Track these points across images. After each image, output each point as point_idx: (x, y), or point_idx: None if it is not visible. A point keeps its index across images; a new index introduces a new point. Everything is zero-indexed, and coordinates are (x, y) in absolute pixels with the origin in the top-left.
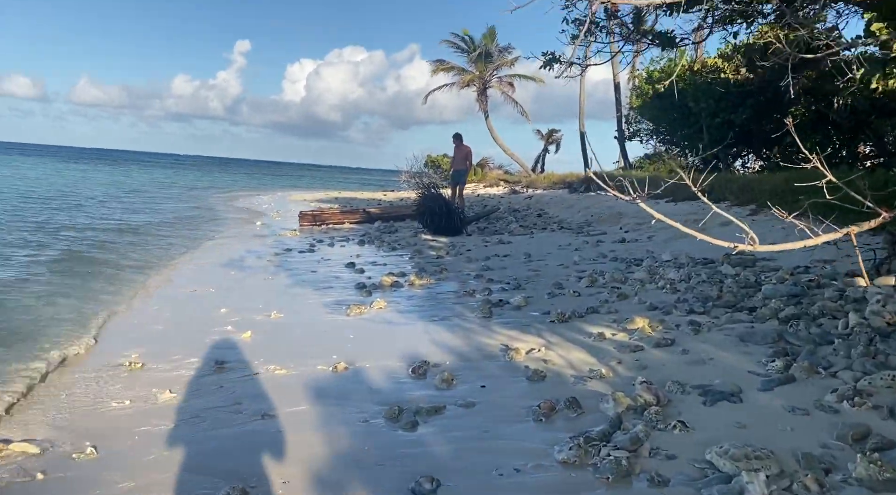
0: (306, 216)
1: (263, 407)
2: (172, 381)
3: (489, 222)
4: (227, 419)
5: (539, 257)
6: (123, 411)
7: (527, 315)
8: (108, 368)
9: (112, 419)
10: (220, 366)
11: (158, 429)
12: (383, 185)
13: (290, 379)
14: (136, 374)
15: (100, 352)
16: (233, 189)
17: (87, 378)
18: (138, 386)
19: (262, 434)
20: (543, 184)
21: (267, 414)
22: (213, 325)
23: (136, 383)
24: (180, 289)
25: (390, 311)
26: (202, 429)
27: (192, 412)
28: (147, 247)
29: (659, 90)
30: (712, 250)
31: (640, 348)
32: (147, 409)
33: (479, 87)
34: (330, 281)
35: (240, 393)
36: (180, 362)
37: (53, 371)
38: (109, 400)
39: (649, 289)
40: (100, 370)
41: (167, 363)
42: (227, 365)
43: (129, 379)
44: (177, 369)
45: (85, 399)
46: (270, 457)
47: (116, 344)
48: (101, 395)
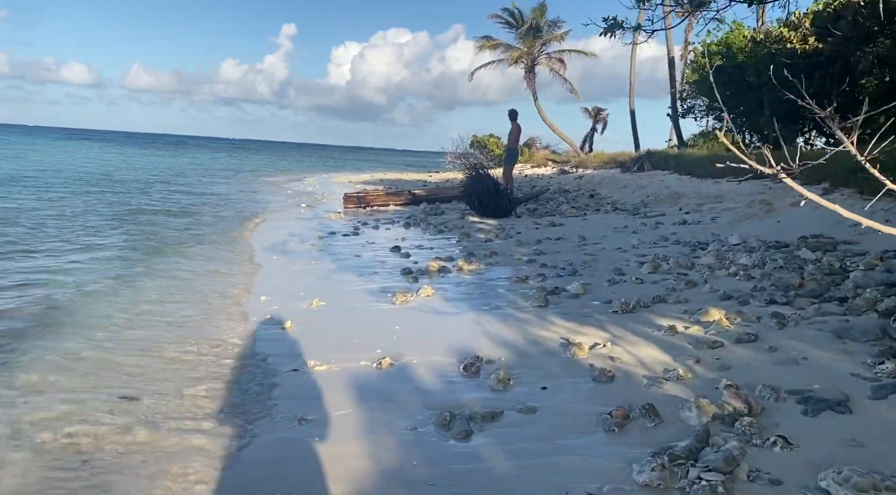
0: (350, 198)
1: (300, 409)
2: (203, 379)
3: (539, 204)
4: (260, 424)
5: (594, 240)
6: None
7: (586, 304)
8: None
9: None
10: (257, 361)
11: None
12: (428, 167)
13: (330, 377)
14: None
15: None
16: (278, 171)
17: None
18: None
19: (296, 443)
20: (594, 163)
21: (304, 418)
22: (251, 315)
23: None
24: (218, 277)
25: (438, 299)
26: (229, 437)
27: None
28: (188, 229)
29: (717, 63)
30: (784, 233)
31: (719, 344)
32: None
33: (527, 63)
34: (374, 266)
35: (276, 393)
36: (213, 356)
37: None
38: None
39: (720, 275)
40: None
41: (197, 356)
42: (263, 359)
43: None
44: (208, 365)
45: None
46: (305, 473)
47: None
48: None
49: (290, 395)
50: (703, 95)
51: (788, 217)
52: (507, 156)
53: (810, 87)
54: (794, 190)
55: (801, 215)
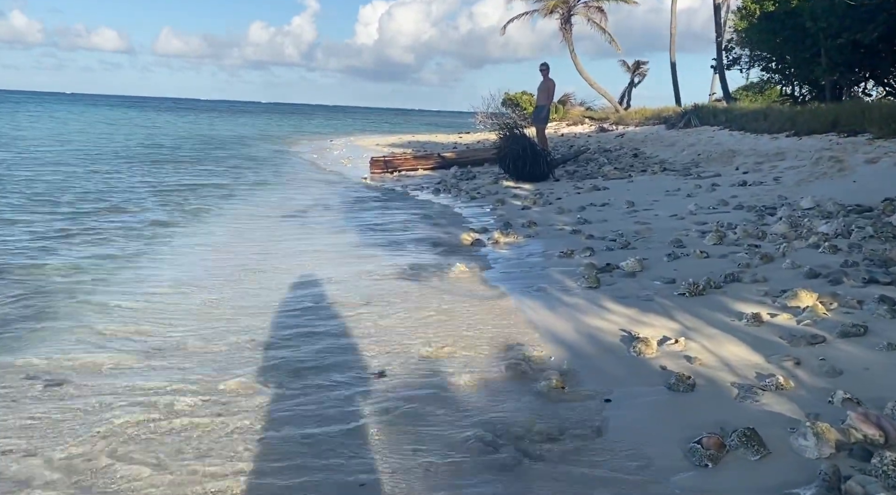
0: (377, 162)
1: (326, 427)
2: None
3: (578, 165)
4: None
5: (644, 206)
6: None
7: (645, 284)
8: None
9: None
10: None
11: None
12: (458, 127)
13: (348, 376)
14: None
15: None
16: (305, 135)
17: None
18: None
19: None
20: (635, 120)
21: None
22: (267, 296)
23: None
24: (229, 250)
25: (473, 279)
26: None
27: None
28: (204, 194)
29: (768, 8)
30: (863, 194)
31: (819, 339)
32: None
33: (563, 14)
34: (402, 239)
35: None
36: (214, 346)
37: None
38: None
39: (798, 247)
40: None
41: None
42: (269, 351)
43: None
44: (204, 364)
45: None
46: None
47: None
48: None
49: (316, 412)
50: (751, 44)
51: (864, 175)
52: (537, 115)
53: (874, 32)
54: (870, 145)
55: (879, 173)
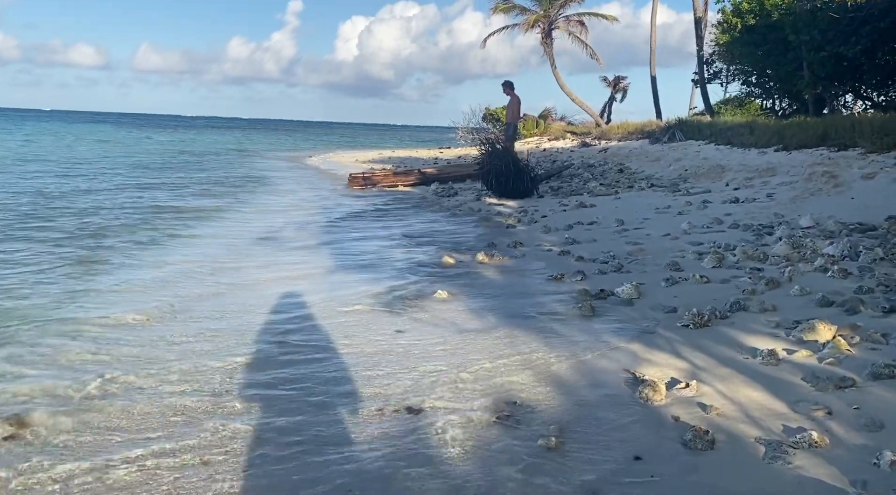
0: (356, 179)
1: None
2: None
3: (563, 181)
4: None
5: (635, 224)
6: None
7: (644, 313)
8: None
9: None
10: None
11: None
12: (439, 142)
13: (302, 429)
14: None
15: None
16: (284, 150)
17: None
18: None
19: None
20: (617, 134)
21: None
22: (213, 337)
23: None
24: (189, 277)
25: (456, 307)
26: None
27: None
28: (175, 216)
29: (749, 22)
30: (863, 211)
31: (848, 382)
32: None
33: (544, 28)
34: (379, 261)
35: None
36: (161, 394)
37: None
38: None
39: (805, 271)
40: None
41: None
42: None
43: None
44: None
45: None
46: None
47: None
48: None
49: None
50: (734, 57)
51: (862, 191)
52: (507, 132)
53: (857, 45)
54: (863, 159)
55: (876, 189)
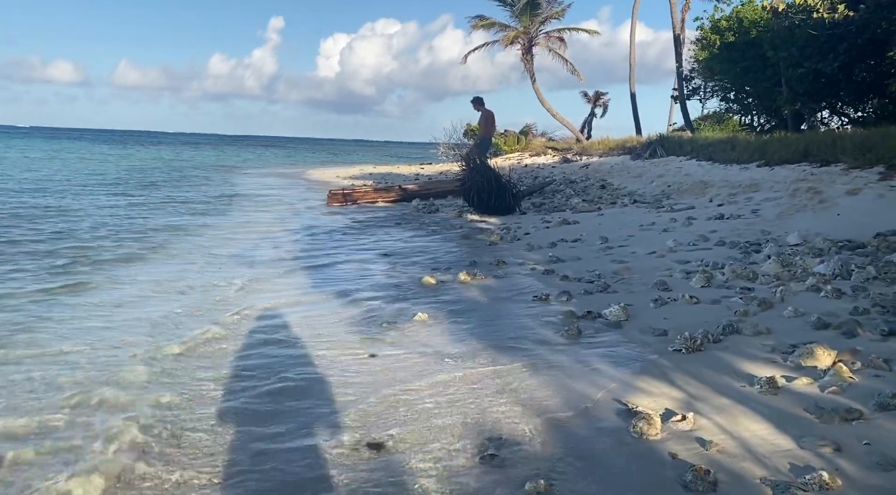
0: (336, 195)
1: None
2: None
3: (545, 197)
4: None
5: (619, 242)
6: None
7: (633, 337)
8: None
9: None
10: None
11: None
12: (421, 158)
13: (264, 480)
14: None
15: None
16: (263, 166)
17: None
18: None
19: None
20: (598, 150)
21: None
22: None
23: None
24: (154, 300)
25: (436, 330)
26: None
27: None
28: (145, 237)
29: (728, 38)
30: (851, 228)
31: (855, 414)
32: None
33: (525, 44)
34: (357, 280)
35: None
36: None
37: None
38: None
39: (797, 290)
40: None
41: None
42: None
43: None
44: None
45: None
46: None
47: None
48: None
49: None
50: (714, 74)
51: (848, 208)
52: (480, 147)
53: (835, 61)
54: (846, 175)
55: (862, 205)
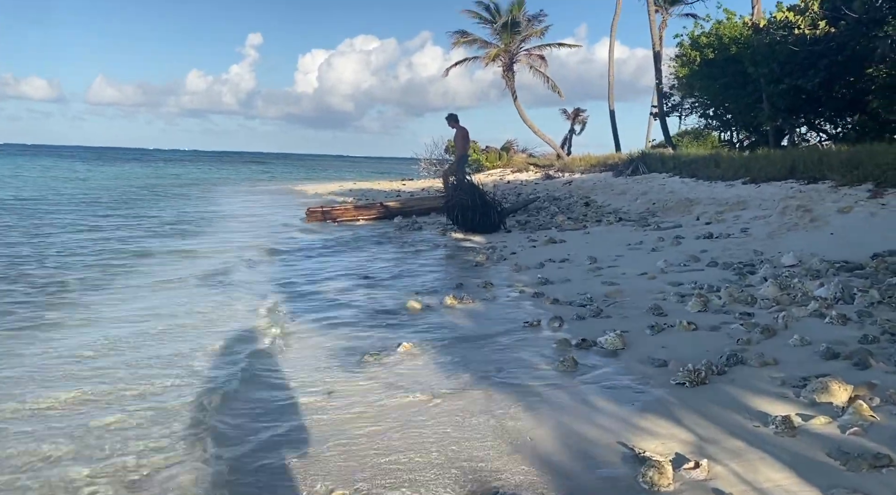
0: (314, 213)
1: None
2: None
3: (529, 214)
4: None
5: (608, 262)
6: None
7: (632, 367)
8: None
9: None
10: None
11: None
12: (402, 174)
13: None
14: None
15: None
16: (241, 182)
17: None
18: None
19: None
20: (580, 166)
21: None
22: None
23: None
24: (114, 331)
25: (423, 362)
26: None
27: None
28: (111, 261)
29: (708, 55)
30: (846, 248)
31: (884, 460)
32: None
33: (506, 61)
34: (337, 306)
35: None
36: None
37: None
38: None
39: (800, 316)
40: None
41: None
42: None
43: None
44: None
45: None
46: None
47: None
48: None
49: None
50: (694, 90)
51: (840, 227)
52: (457, 165)
53: (816, 77)
54: (835, 192)
55: (855, 224)
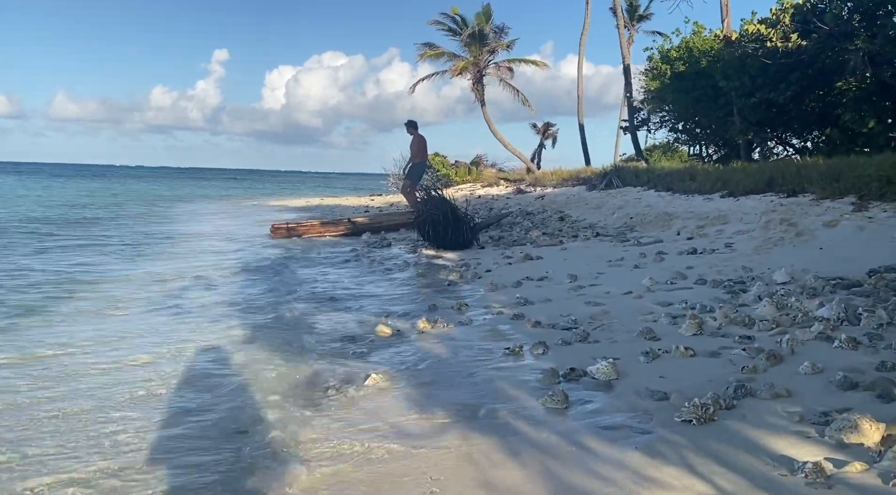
0: (279, 229)
1: None
2: None
3: (502, 229)
4: None
5: (590, 280)
6: None
7: (630, 401)
8: None
9: None
10: None
11: None
12: (370, 189)
13: None
14: None
15: None
16: (206, 198)
17: None
18: None
19: None
20: (552, 181)
21: None
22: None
23: None
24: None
25: (392, 398)
26: None
27: None
28: (55, 284)
29: (678, 68)
30: (839, 264)
31: None
32: None
33: (475, 74)
34: (299, 329)
35: None
36: None
37: None
38: None
39: (803, 339)
40: None
41: None
42: None
43: None
44: None
45: None
46: None
47: None
48: None
49: None
50: (665, 103)
51: (829, 241)
52: (409, 172)
53: (787, 91)
54: (818, 206)
55: (843, 238)
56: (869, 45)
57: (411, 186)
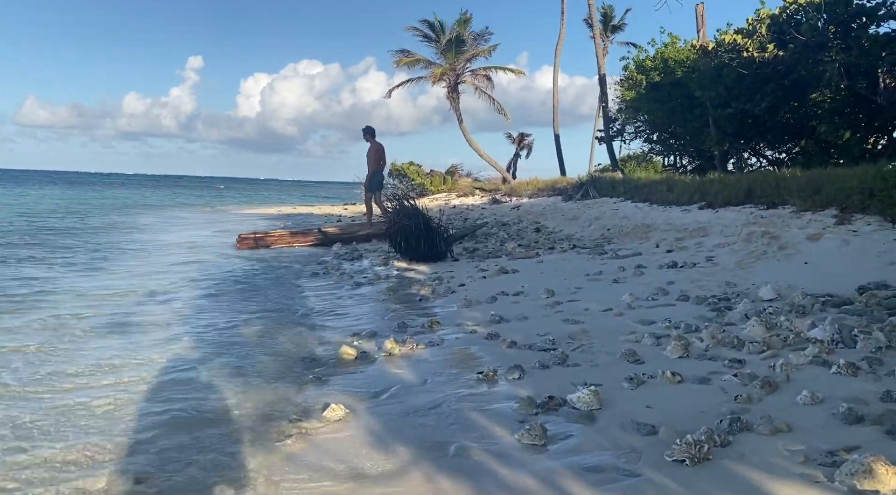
0: (246, 240)
1: None
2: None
3: (477, 241)
4: None
5: (568, 295)
6: None
7: (614, 436)
8: None
9: None
10: None
11: None
12: (344, 199)
13: None
14: None
15: None
16: (174, 206)
17: None
18: None
19: None
20: (527, 190)
21: None
22: None
23: None
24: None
25: (354, 432)
26: None
27: None
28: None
29: (654, 79)
30: (826, 279)
31: None
32: None
33: (451, 81)
34: (257, 350)
35: None
36: None
37: None
38: None
39: (798, 363)
40: None
41: None
42: None
43: None
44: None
45: None
46: None
47: None
48: None
49: None
50: (641, 113)
51: (814, 255)
52: (370, 183)
53: (762, 102)
54: (799, 218)
55: (828, 252)
56: (844, 57)
57: (375, 197)
